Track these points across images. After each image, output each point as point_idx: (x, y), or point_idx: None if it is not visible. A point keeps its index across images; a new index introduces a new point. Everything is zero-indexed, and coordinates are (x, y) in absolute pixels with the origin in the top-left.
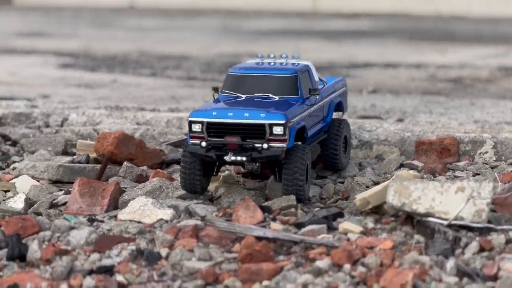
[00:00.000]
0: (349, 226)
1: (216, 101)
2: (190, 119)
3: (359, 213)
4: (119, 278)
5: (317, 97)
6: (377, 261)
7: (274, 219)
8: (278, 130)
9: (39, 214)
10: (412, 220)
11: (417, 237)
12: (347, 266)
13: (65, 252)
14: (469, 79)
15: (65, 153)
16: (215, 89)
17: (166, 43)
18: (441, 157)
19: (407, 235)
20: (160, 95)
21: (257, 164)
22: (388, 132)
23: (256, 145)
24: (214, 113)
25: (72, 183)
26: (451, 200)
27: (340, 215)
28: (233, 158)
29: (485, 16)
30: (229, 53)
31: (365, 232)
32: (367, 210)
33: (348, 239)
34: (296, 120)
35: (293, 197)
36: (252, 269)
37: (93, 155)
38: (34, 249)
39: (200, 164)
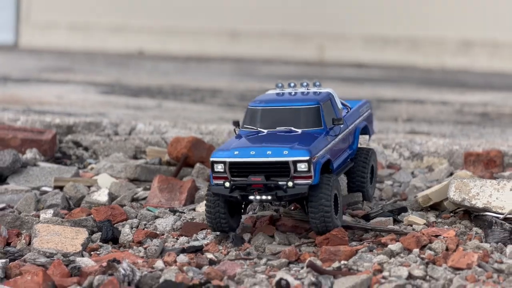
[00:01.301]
0: (414, 218)
1: (238, 137)
2: (212, 159)
3: (420, 209)
4: (209, 255)
5: (342, 126)
6: (443, 246)
7: (343, 213)
8: (302, 167)
9: (123, 206)
10: (470, 215)
11: (475, 229)
12: (416, 250)
13: (155, 235)
14: (494, 114)
15: (135, 158)
16: (236, 124)
17: (191, 80)
18: (488, 167)
19: (466, 227)
20: (209, 116)
21: (284, 202)
22: (437, 145)
23: (281, 183)
24: (236, 153)
25: (149, 181)
26: (507, 196)
27: (404, 209)
28: (258, 197)
29: (489, 71)
30: (257, 88)
31: (428, 225)
32: (428, 207)
33: (413, 230)
34: (321, 154)
35: (359, 193)
36: (331, 250)
37: (164, 158)
38: (126, 232)
39: (225, 203)
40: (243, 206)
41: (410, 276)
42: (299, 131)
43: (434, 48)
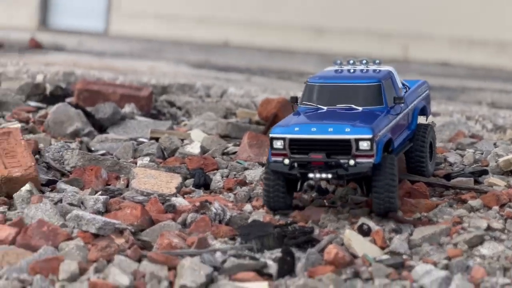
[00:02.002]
0: (494, 180)
1: (296, 113)
2: (271, 135)
3: (501, 173)
4: (295, 202)
5: (402, 105)
6: None
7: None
8: (364, 145)
9: (214, 157)
10: None
11: None
12: (495, 208)
13: (245, 183)
14: None
15: (225, 118)
16: (294, 100)
17: (277, 65)
18: None
19: None
20: (297, 89)
21: (344, 180)
22: None
23: (342, 161)
24: (296, 129)
25: (238, 138)
26: None
27: (485, 172)
28: (318, 175)
29: None
30: None
31: (509, 187)
32: (509, 171)
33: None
34: (383, 133)
35: (440, 155)
36: (412, 202)
37: (254, 119)
38: (217, 179)
39: (284, 181)
40: (299, 183)
41: (489, 228)
42: (360, 108)
43: None
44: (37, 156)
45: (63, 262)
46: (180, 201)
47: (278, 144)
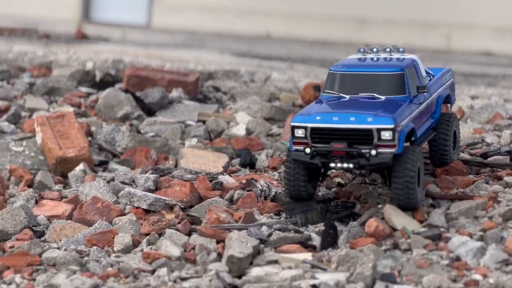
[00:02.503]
0: None
1: (319, 102)
2: (292, 124)
3: None
4: (338, 179)
5: (426, 94)
6: None
7: (462, 151)
8: (386, 135)
9: (259, 139)
10: None
11: None
12: None
13: None
14: None
15: (269, 102)
16: (317, 88)
17: (318, 56)
18: None
19: None
20: None
21: (366, 171)
22: None
23: (364, 151)
24: (318, 118)
25: (282, 121)
26: None
27: None
28: (339, 165)
29: None
30: None
31: None
32: None
33: None
34: (405, 123)
35: (478, 135)
36: (449, 179)
37: (297, 102)
38: (262, 159)
39: (305, 170)
40: (322, 172)
41: None
42: (383, 97)
43: None
44: (89, 138)
45: (118, 235)
46: (227, 179)
47: (299, 133)
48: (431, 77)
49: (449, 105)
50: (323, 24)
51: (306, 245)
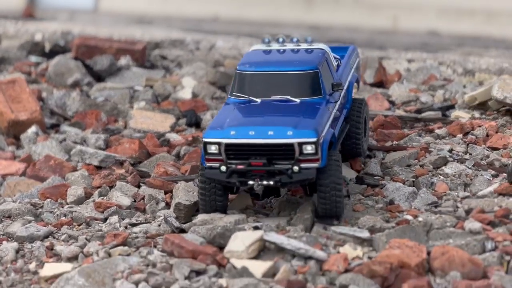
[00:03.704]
0: (460, 113)
1: (228, 107)
2: (204, 139)
3: (467, 108)
4: None
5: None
6: (483, 132)
7: (398, 108)
8: (308, 148)
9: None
10: (511, 112)
11: None
12: (459, 135)
13: None
14: None
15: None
16: (223, 89)
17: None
18: None
19: (507, 122)
20: None
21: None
22: (489, 63)
23: (285, 167)
24: (232, 132)
25: (227, 85)
26: None
27: (452, 107)
28: (260, 183)
29: None
30: None
31: (473, 118)
32: (474, 106)
33: None
34: (326, 131)
35: (413, 94)
36: (385, 133)
37: None
38: (207, 118)
39: (220, 188)
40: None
41: (452, 151)
42: (298, 100)
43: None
44: (41, 103)
45: (70, 188)
46: (174, 137)
47: (212, 149)
48: (339, 62)
49: (356, 85)
50: (271, 5)
51: (250, 193)
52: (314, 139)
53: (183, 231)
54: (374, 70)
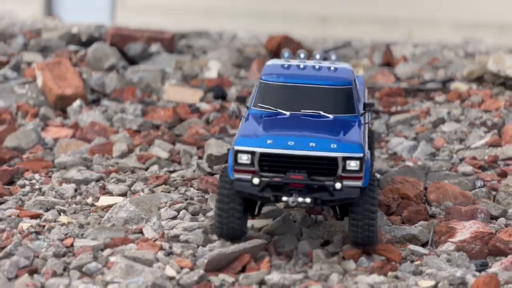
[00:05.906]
0: (459, 85)
1: (254, 118)
2: (236, 148)
3: (465, 81)
4: None
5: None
6: (479, 99)
7: (403, 82)
8: (353, 165)
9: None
10: (505, 85)
11: (508, 92)
12: (457, 101)
13: None
14: None
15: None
16: (241, 100)
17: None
18: None
19: (500, 91)
20: None
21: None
22: (488, 47)
23: (327, 183)
24: (269, 141)
25: (249, 67)
26: None
27: (452, 80)
28: (295, 200)
29: None
30: None
31: (470, 89)
32: (472, 80)
33: None
34: (367, 149)
35: (417, 71)
36: (391, 100)
37: (262, 53)
38: (232, 92)
39: (241, 204)
40: (259, 205)
41: (449, 113)
42: (331, 116)
43: None
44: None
45: (115, 145)
46: (203, 106)
47: (243, 159)
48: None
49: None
50: (285, 22)
51: None
52: (360, 155)
53: (213, 175)
54: (382, 53)
